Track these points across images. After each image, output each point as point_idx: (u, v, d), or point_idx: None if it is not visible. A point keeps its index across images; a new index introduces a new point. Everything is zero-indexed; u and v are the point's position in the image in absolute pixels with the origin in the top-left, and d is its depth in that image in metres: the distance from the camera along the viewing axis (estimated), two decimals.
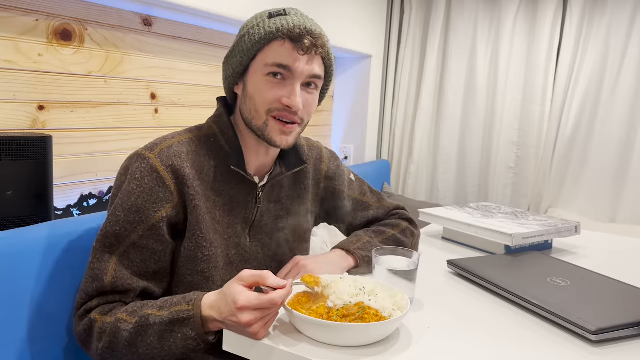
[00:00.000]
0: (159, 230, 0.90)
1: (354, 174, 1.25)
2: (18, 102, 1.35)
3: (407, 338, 0.80)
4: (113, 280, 0.88)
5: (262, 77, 0.93)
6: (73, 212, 1.51)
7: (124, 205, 0.90)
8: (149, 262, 0.91)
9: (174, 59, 1.78)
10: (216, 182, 0.98)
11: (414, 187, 2.96)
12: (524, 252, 1.26)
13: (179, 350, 0.81)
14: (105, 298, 0.89)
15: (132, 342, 0.82)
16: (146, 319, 0.82)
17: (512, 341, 0.81)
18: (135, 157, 0.93)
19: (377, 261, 0.94)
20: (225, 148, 0.99)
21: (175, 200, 0.92)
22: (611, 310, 0.90)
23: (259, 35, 0.92)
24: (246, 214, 1.01)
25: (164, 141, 0.95)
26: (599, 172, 2.55)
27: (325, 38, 0.95)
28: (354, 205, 1.21)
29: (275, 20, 0.92)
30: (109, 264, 0.89)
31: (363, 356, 0.74)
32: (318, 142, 1.22)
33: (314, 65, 0.94)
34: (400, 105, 2.97)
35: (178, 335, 0.80)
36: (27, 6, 1.34)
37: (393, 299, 0.84)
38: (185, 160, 0.94)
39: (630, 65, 2.44)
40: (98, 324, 0.86)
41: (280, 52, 0.91)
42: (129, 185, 0.91)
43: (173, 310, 0.82)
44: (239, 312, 0.75)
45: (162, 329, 0.81)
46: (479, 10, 2.75)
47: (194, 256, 0.94)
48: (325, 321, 0.75)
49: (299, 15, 0.94)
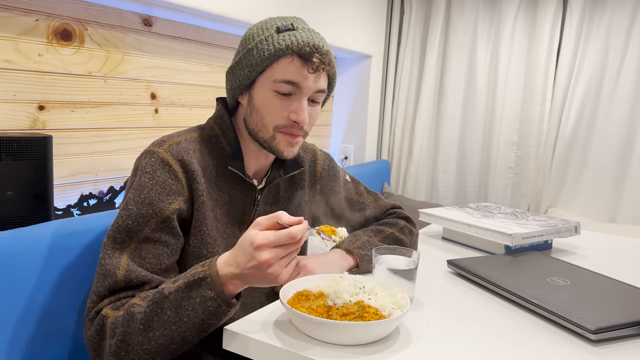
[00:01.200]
0: (172, 222, 0.90)
1: (349, 175, 1.27)
2: (18, 102, 1.35)
3: (407, 337, 0.80)
4: (126, 274, 0.85)
5: (269, 92, 0.94)
6: (73, 212, 1.51)
7: (136, 199, 0.89)
8: (162, 257, 0.89)
9: (174, 59, 1.78)
10: (218, 182, 0.98)
11: (414, 187, 2.96)
12: (524, 252, 1.26)
13: (199, 318, 0.76)
14: (117, 296, 0.85)
15: (148, 324, 0.77)
16: (160, 292, 0.79)
17: (511, 341, 0.81)
18: (144, 155, 0.94)
19: (377, 260, 0.95)
20: (227, 149, 1.00)
21: (185, 195, 0.92)
22: (611, 309, 0.90)
23: (268, 51, 0.92)
24: (244, 215, 1.02)
25: (171, 138, 0.96)
26: (599, 172, 2.55)
27: (331, 54, 0.96)
28: (351, 205, 1.22)
29: (285, 36, 0.92)
30: (120, 259, 0.86)
31: (363, 354, 0.74)
32: (312, 144, 1.23)
33: (320, 81, 0.96)
34: (400, 105, 2.97)
35: (197, 300, 0.76)
36: (27, 6, 1.34)
37: (393, 298, 0.85)
38: (193, 157, 0.95)
39: (630, 65, 2.44)
40: (110, 319, 0.82)
41: (290, 69, 0.92)
42: (141, 179, 0.90)
43: (188, 275, 0.79)
44: (257, 251, 0.73)
45: (178, 296, 0.77)
46: (479, 10, 2.75)
47: (199, 253, 0.94)
48: (325, 320, 0.75)
49: (306, 30, 0.95)
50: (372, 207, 1.25)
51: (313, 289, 0.87)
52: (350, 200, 1.22)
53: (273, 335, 0.78)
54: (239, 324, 0.82)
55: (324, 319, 0.76)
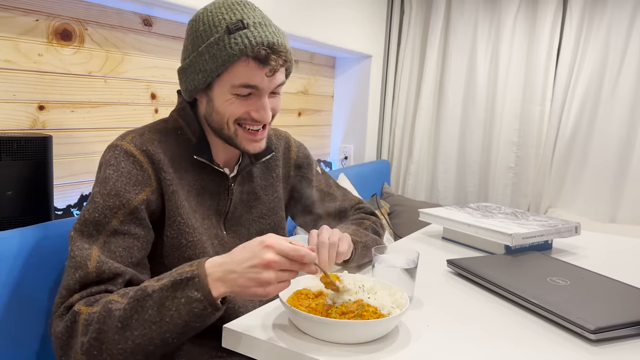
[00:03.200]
0: (140, 214, 0.87)
1: (320, 168, 1.27)
2: (18, 102, 1.35)
3: (406, 336, 0.80)
4: (98, 265, 0.81)
5: (229, 95, 0.93)
6: (73, 212, 1.51)
7: (102, 192, 0.86)
8: (133, 250, 0.86)
9: (174, 59, 1.78)
10: (187, 174, 0.97)
11: (414, 187, 2.96)
12: (524, 252, 1.26)
13: (182, 319, 0.73)
14: (89, 290, 0.80)
15: (126, 322, 0.73)
16: (143, 290, 0.75)
17: (511, 340, 0.81)
18: (107, 149, 0.93)
19: (376, 259, 0.95)
20: (193, 140, 0.99)
21: (153, 185, 0.90)
22: (610, 309, 0.90)
23: (221, 58, 0.89)
24: (219, 205, 1.01)
25: (132, 132, 0.95)
26: (599, 172, 2.55)
27: (286, 47, 0.93)
28: (322, 196, 1.23)
29: (237, 38, 0.88)
30: (90, 251, 0.82)
31: (362, 353, 0.74)
32: (286, 131, 1.23)
33: (278, 77, 0.94)
34: (400, 105, 2.97)
35: (181, 300, 0.73)
36: (27, 6, 1.34)
37: (392, 297, 0.85)
38: (158, 147, 0.93)
39: (630, 65, 2.44)
40: (83, 315, 0.77)
41: (246, 74, 0.90)
42: (105, 172, 0.89)
43: (174, 273, 0.76)
44: (264, 250, 0.72)
45: (162, 295, 0.73)
46: (479, 10, 2.75)
47: (178, 243, 0.92)
48: (324, 318, 0.75)
49: (257, 25, 0.90)
50: (341, 199, 1.26)
51: (313, 288, 0.87)
52: (320, 191, 1.23)
53: (272, 333, 0.79)
54: (238, 322, 0.82)
55: (323, 317, 0.76)
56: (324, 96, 2.83)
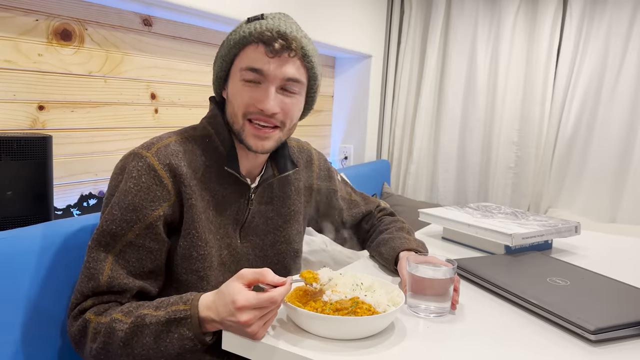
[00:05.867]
0: (156, 229, 0.90)
1: (340, 175, 1.29)
2: (18, 102, 1.35)
3: (402, 333, 0.81)
4: (109, 280, 0.87)
5: (238, 82, 0.94)
6: (73, 212, 1.51)
7: (121, 204, 0.89)
8: (145, 261, 0.91)
9: (174, 59, 1.78)
10: (210, 183, 0.98)
11: (414, 187, 2.96)
12: (524, 252, 1.26)
13: (175, 351, 0.80)
14: (100, 298, 0.88)
15: (128, 342, 0.81)
16: (142, 319, 0.82)
17: (510, 340, 0.81)
18: (131, 156, 0.93)
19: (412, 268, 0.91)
20: (220, 149, 0.99)
21: (172, 199, 0.92)
22: (610, 310, 0.90)
23: (234, 40, 0.94)
24: (237, 215, 1.02)
25: (160, 140, 0.95)
26: (599, 172, 2.55)
27: (301, 40, 0.93)
28: (347, 205, 1.25)
29: (250, 25, 0.93)
30: (104, 263, 0.88)
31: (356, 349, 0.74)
32: (307, 142, 1.24)
33: (287, 68, 0.93)
34: (400, 105, 2.97)
35: (174, 336, 0.80)
36: (27, 6, 1.34)
37: (389, 295, 0.87)
38: (182, 159, 0.94)
39: (630, 65, 2.44)
40: (92, 324, 0.85)
41: (253, 56, 0.92)
42: (126, 184, 0.90)
43: (170, 310, 0.81)
44: (237, 311, 0.75)
45: (158, 329, 0.80)
46: (479, 10, 2.75)
47: (189, 255, 0.94)
48: (316, 314, 0.78)
49: (276, 18, 0.94)
50: (363, 204, 1.29)
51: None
52: (344, 200, 1.25)
53: (272, 335, 0.79)
54: None
55: (316, 313, 0.78)
56: (324, 96, 2.83)
